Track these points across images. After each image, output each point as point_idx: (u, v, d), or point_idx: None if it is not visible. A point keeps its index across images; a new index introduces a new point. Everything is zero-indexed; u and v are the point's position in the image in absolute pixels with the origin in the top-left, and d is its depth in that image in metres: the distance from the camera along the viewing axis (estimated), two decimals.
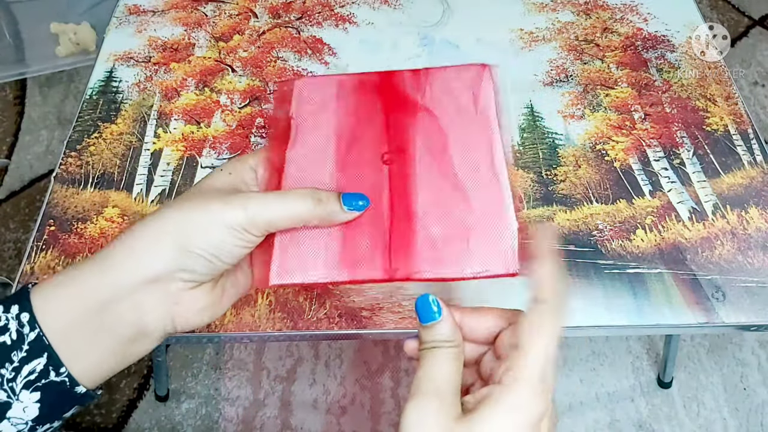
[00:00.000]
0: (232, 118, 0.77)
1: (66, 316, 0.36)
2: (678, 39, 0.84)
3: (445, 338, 0.38)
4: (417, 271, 0.41)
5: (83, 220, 0.67)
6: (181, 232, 0.37)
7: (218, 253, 0.38)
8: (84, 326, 0.36)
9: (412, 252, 0.41)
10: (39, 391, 0.35)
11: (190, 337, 0.59)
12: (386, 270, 0.41)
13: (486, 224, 0.41)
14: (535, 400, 0.33)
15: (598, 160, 0.72)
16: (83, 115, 0.77)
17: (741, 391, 1.07)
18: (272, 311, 0.60)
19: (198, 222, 0.38)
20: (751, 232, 0.65)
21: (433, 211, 0.42)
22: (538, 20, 0.87)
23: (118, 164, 0.72)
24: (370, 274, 0.41)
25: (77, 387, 0.37)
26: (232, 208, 0.38)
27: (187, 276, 0.38)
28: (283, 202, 0.40)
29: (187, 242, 0.37)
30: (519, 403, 0.33)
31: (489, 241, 0.41)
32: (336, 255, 0.41)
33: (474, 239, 0.41)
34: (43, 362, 0.35)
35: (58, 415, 0.37)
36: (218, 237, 0.38)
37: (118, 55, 0.84)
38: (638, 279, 0.62)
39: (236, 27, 0.87)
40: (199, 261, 0.38)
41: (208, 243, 0.38)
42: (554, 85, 0.79)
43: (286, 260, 0.42)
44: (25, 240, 1.28)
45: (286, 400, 1.06)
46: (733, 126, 0.74)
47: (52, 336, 0.36)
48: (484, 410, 0.33)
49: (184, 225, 0.38)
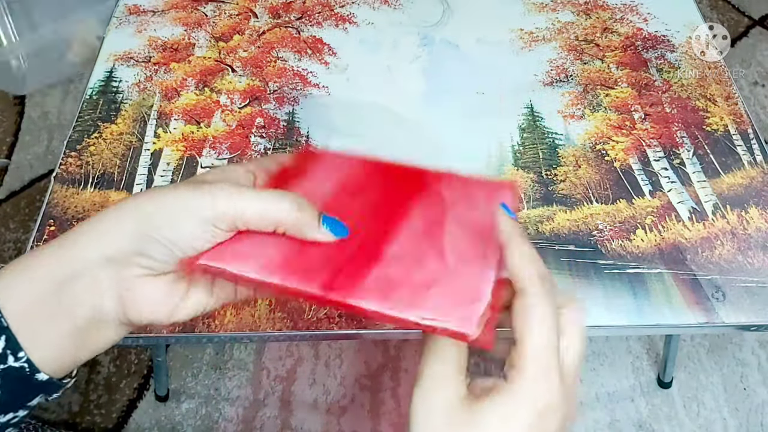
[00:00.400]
0: (232, 118, 0.77)
1: (25, 298, 0.35)
2: (678, 39, 0.84)
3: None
4: (354, 296, 0.36)
5: (83, 220, 0.67)
6: (144, 215, 0.36)
7: (178, 241, 0.36)
8: (42, 307, 0.35)
9: (360, 277, 0.37)
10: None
11: (190, 336, 0.59)
12: (323, 285, 0.36)
13: (456, 279, 0.36)
14: (538, 391, 0.33)
15: (598, 160, 0.72)
16: (83, 115, 0.77)
17: (741, 391, 1.07)
18: (272, 311, 0.60)
19: (163, 206, 0.36)
20: (751, 232, 0.65)
21: (403, 258, 0.38)
22: (538, 20, 0.87)
23: (118, 164, 0.72)
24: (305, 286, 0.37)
25: (38, 374, 0.36)
26: (201, 195, 0.37)
27: (144, 261, 0.37)
28: (258, 198, 0.38)
29: (148, 224, 0.36)
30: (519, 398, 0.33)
31: (453, 293, 0.36)
32: (280, 257, 0.38)
33: (436, 287, 0.36)
34: (2, 345, 0.34)
35: (21, 403, 0.36)
36: (181, 224, 0.36)
37: (118, 55, 0.84)
38: (638, 279, 0.62)
39: (236, 27, 0.87)
40: (157, 247, 0.36)
41: (169, 228, 0.36)
42: (554, 85, 0.79)
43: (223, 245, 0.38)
44: (25, 240, 1.27)
45: (286, 400, 1.06)
46: (733, 126, 0.74)
47: (11, 319, 0.35)
48: (486, 404, 0.33)
49: (149, 208, 0.37)
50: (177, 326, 0.59)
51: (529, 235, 0.65)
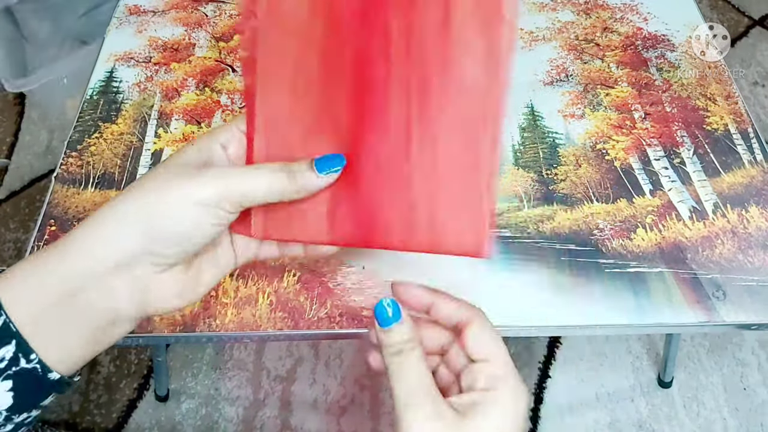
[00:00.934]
0: (233, 118, 0.77)
1: (34, 306, 0.35)
2: (678, 38, 0.84)
3: (408, 338, 0.39)
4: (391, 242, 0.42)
5: (83, 220, 0.67)
6: (148, 214, 0.36)
7: (189, 234, 0.36)
8: (54, 316, 0.35)
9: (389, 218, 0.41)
10: (10, 379, 0.34)
11: (190, 336, 0.59)
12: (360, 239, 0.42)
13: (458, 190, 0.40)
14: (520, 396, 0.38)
15: (598, 160, 0.72)
16: (84, 115, 0.77)
17: (741, 391, 1.07)
18: (273, 311, 0.60)
19: (165, 201, 0.36)
20: (752, 231, 0.65)
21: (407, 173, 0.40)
22: (538, 20, 0.87)
23: (119, 164, 0.72)
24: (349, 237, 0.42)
25: (50, 374, 0.35)
26: (203, 183, 0.36)
27: (155, 259, 0.36)
28: (256, 176, 0.38)
29: (155, 223, 0.36)
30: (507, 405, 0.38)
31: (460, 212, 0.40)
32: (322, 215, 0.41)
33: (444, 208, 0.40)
34: (12, 349, 0.34)
35: (34, 403, 0.36)
36: (188, 216, 0.36)
37: (119, 55, 0.84)
38: (639, 278, 0.62)
39: (237, 27, 0.87)
40: (166, 243, 0.36)
41: (177, 223, 0.36)
42: (554, 85, 0.79)
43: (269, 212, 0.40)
44: (25, 240, 1.28)
45: (286, 400, 1.06)
46: (733, 125, 0.74)
47: (21, 325, 0.34)
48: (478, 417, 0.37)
49: (151, 205, 0.36)
50: (177, 326, 0.59)
51: (529, 234, 0.65)
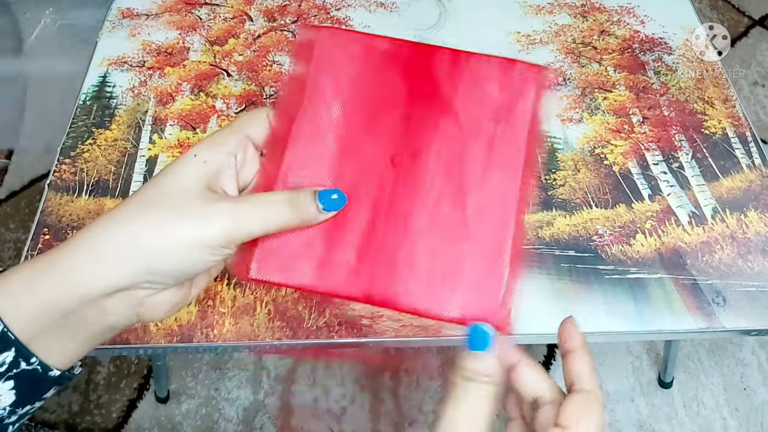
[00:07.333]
0: (235, 122, 0.76)
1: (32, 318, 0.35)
2: (675, 41, 0.83)
3: (488, 372, 0.38)
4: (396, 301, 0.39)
5: (78, 229, 0.67)
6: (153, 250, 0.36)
7: (190, 270, 0.37)
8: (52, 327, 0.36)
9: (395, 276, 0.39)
10: (12, 379, 0.35)
11: (188, 347, 0.59)
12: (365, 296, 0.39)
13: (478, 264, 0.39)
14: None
15: (597, 165, 0.71)
16: (77, 121, 0.76)
17: (741, 391, 1.07)
18: (271, 320, 0.60)
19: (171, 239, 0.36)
20: (751, 236, 0.65)
21: (427, 233, 0.40)
22: (536, 23, 0.86)
23: (113, 171, 0.72)
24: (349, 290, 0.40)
25: (50, 372, 0.36)
26: (209, 225, 0.36)
27: (153, 285, 0.37)
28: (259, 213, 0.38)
29: (158, 259, 0.36)
30: None
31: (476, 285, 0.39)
32: (316, 261, 0.40)
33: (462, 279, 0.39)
34: (12, 354, 0.35)
35: (37, 397, 0.37)
36: (191, 256, 0.36)
37: (112, 59, 0.83)
38: (639, 284, 0.62)
39: (231, 30, 0.86)
40: (164, 275, 0.37)
41: (179, 262, 0.36)
42: (552, 89, 0.79)
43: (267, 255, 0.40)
44: (25, 240, 1.27)
45: (286, 400, 1.06)
46: (731, 129, 0.74)
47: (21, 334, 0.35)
48: None
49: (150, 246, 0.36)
50: (176, 336, 0.59)
51: (528, 240, 0.65)
